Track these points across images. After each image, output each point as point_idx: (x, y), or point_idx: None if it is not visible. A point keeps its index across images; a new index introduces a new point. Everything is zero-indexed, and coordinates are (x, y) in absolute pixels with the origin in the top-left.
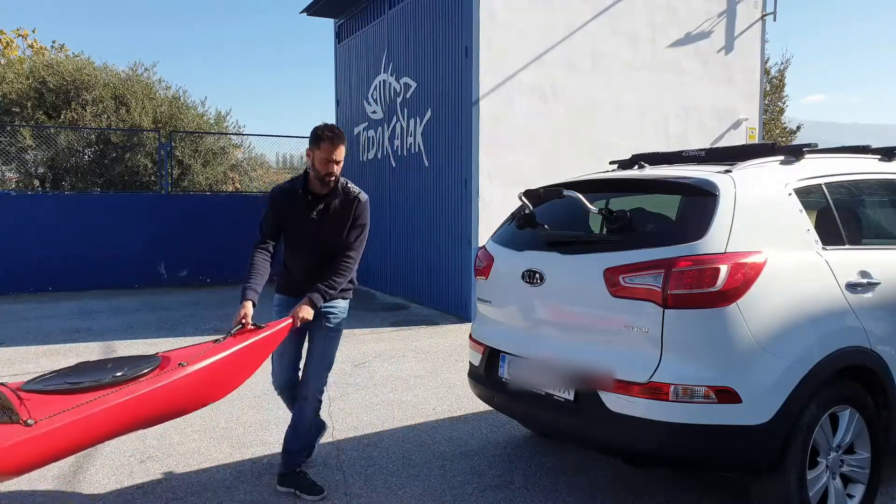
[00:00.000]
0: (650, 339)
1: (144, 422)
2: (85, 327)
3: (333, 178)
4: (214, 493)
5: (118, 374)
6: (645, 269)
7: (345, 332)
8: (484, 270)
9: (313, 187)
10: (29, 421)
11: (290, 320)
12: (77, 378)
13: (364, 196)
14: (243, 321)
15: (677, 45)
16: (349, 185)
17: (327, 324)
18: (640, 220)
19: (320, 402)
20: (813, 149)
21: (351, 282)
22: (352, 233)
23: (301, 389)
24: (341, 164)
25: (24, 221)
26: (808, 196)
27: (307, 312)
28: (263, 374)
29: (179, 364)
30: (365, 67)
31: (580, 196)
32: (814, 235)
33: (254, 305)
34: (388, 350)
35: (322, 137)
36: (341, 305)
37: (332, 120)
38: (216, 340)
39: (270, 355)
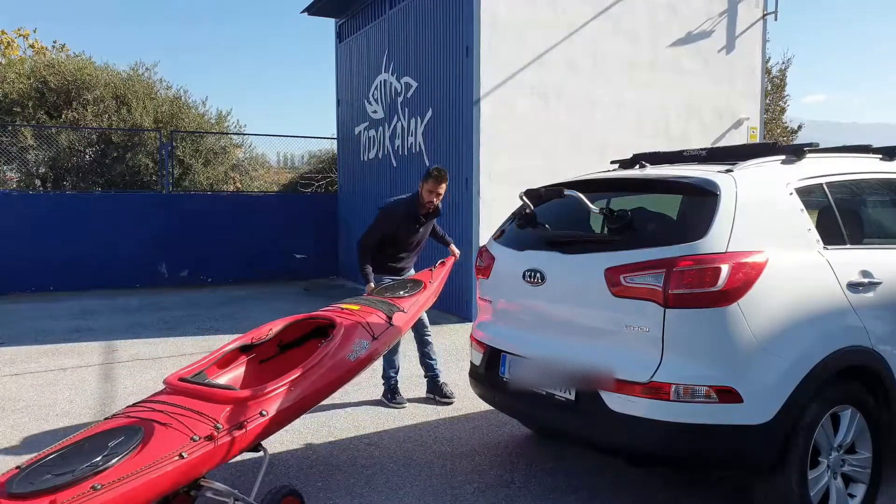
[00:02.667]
0: (651, 339)
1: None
2: (86, 327)
3: (432, 205)
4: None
5: (105, 460)
6: (646, 269)
7: None
8: (485, 270)
9: (419, 209)
10: None
11: (453, 258)
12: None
13: (440, 206)
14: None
15: (678, 45)
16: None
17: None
18: (641, 220)
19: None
20: (814, 148)
21: None
22: (436, 227)
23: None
24: (441, 196)
25: (25, 221)
26: (810, 196)
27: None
28: None
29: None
30: (366, 67)
31: (581, 196)
32: (815, 235)
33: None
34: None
35: (430, 175)
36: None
37: (332, 119)
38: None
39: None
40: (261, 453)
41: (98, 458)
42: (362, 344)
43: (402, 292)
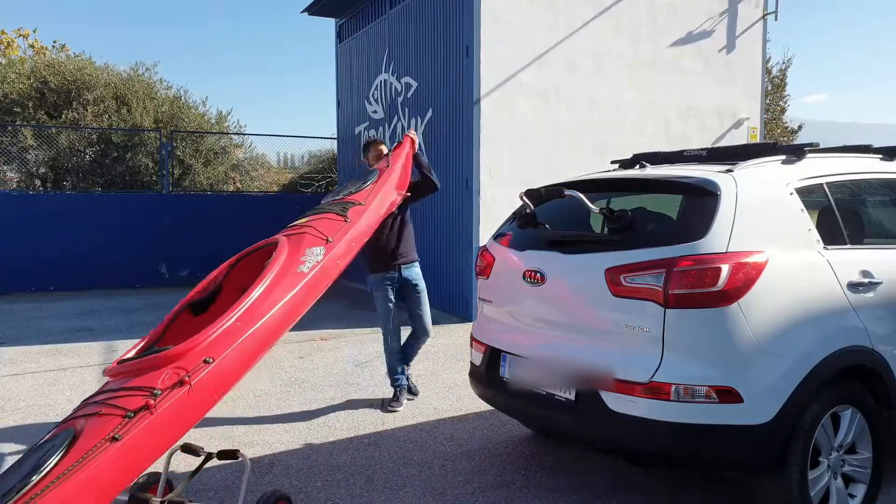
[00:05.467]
0: (651, 339)
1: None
2: (86, 327)
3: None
4: (216, 493)
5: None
6: (646, 269)
7: (345, 331)
8: (485, 270)
9: None
10: None
11: (408, 137)
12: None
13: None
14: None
15: (678, 45)
16: None
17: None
18: (642, 220)
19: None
20: (814, 148)
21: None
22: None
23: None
24: (383, 155)
25: (25, 221)
26: (810, 195)
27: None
28: (264, 375)
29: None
30: (366, 67)
31: (581, 196)
32: (815, 235)
33: None
34: None
35: (365, 148)
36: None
37: (333, 119)
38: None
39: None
40: (240, 459)
41: (28, 472)
42: (314, 251)
43: (353, 189)
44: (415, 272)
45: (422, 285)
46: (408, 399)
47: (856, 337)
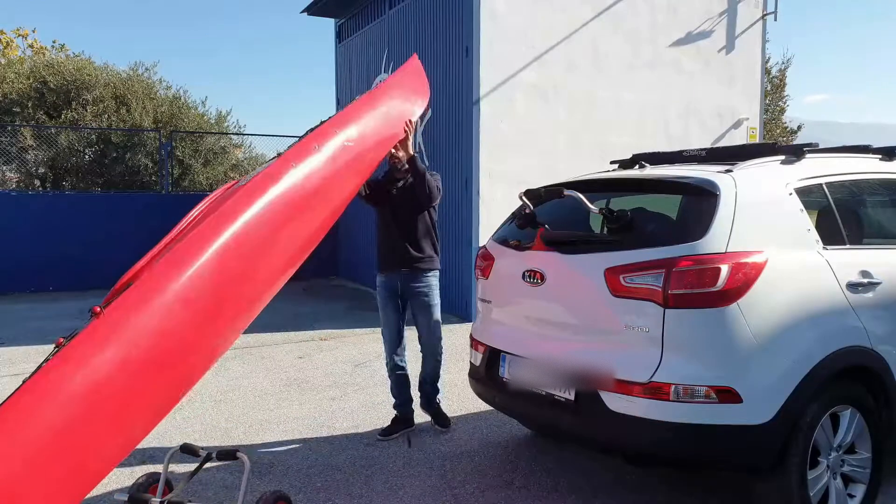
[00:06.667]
0: (651, 339)
1: None
2: None
3: (398, 161)
4: (216, 494)
5: None
6: (646, 269)
7: (345, 331)
8: (484, 270)
9: (389, 174)
10: None
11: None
12: None
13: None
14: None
15: (678, 45)
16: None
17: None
18: (641, 220)
19: (439, 361)
20: (814, 148)
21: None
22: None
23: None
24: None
25: (24, 221)
26: (809, 196)
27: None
28: (263, 376)
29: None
30: (365, 67)
31: (581, 196)
32: (815, 235)
33: None
34: None
35: None
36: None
37: None
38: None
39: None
40: (240, 459)
41: None
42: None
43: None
44: (424, 281)
45: (430, 299)
46: (408, 432)
47: (855, 337)
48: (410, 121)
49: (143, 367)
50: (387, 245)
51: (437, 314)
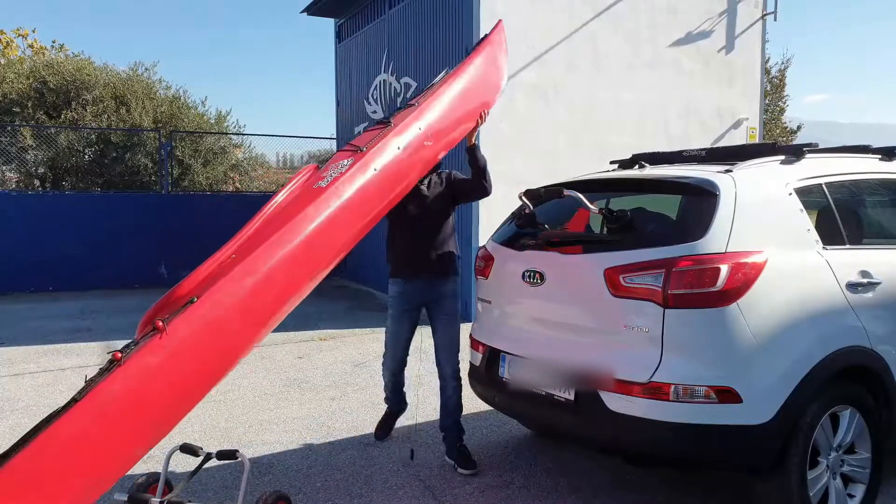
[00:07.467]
0: (651, 339)
1: None
2: (85, 327)
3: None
4: (216, 494)
5: None
6: (645, 269)
7: (345, 332)
8: (484, 270)
9: None
10: None
11: None
12: None
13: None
14: None
15: (678, 45)
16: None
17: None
18: (641, 220)
19: (459, 382)
20: (813, 148)
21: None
22: (457, 182)
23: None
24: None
25: (24, 221)
26: (809, 196)
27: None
28: (263, 376)
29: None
30: (365, 67)
31: (581, 196)
32: (814, 235)
33: None
34: None
35: None
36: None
37: (332, 119)
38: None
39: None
40: (240, 459)
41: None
42: (339, 164)
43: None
44: (451, 287)
45: (447, 307)
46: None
47: (855, 337)
48: (486, 112)
49: (199, 380)
50: (411, 247)
51: (459, 328)
